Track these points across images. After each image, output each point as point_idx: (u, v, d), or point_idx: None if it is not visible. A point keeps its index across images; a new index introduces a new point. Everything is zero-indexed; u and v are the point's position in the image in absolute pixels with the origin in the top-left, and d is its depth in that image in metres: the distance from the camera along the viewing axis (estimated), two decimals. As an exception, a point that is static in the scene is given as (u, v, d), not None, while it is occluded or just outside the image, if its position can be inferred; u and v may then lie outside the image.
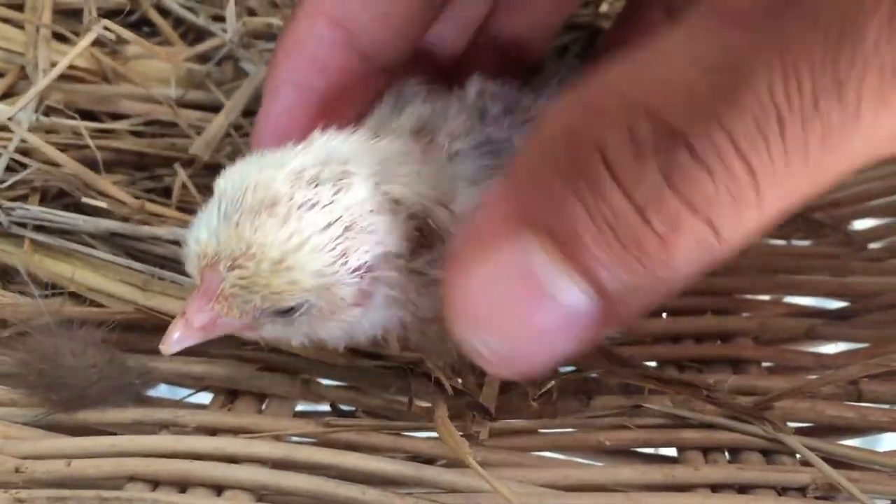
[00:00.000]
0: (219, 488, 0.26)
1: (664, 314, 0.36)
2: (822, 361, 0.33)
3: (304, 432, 0.28)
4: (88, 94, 0.38)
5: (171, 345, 0.24)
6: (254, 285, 0.23)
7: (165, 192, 0.37)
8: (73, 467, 0.26)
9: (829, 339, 0.35)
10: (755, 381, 0.32)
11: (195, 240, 0.24)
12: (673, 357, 0.33)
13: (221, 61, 0.43)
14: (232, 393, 0.30)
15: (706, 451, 0.29)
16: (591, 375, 0.31)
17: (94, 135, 0.36)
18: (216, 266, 0.24)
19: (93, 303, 0.31)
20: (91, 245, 0.33)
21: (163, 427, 0.28)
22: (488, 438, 0.29)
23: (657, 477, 0.28)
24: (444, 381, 0.29)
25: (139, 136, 0.38)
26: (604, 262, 0.20)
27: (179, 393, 0.31)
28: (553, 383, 0.30)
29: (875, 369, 0.30)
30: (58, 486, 0.26)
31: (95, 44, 0.38)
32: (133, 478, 0.26)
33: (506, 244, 0.20)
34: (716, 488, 0.28)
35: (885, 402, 0.31)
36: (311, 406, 0.31)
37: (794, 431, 0.29)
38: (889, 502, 0.28)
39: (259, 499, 0.26)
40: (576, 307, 0.20)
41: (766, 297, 0.37)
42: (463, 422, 0.29)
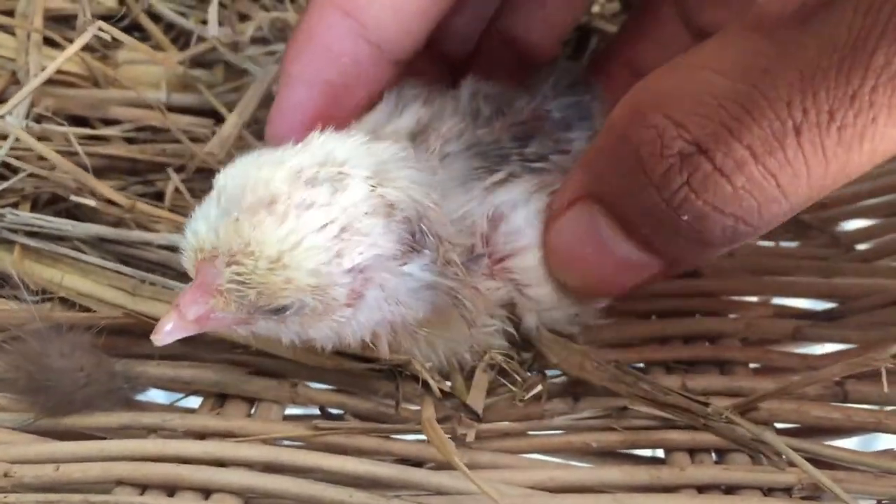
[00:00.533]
0: (207, 492, 0.26)
1: (652, 316, 0.36)
2: (809, 363, 0.33)
3: (292, 436, 0.29)
4: (79, 99, 0.38)
5: (163, 335, 0.24)
6: (250, 282, 0.24)
7: (157, 196, 0.37)
8: (61, 472, 0.26)
9: (816, 340, 0.35)
10: (741, 383, 0.32)
11: (193, 233, 0.24)
12: (660, 359, 0.33)
13: (212, 65, 0.43)
14: (221, 397, 0.30)
15: (693, 451, 0.29)
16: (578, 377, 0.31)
17: (85, 141, 0.36)
18: (213, 260, 0.24)
19: (82, 307, 0.31)
20: (81, 250, 0.33)
21: (151, 431, 0.28)
22: (476, 440, 0.29)
23: (644, 478, 0.28)
24: (431, 383, 0.29)
25: (131, 141, 0.38)
26: (649, 234, 0.25)
27: (168, 397, 0.31)
28: (541, 387, 0.30)
29: (859, 369, 0.30)
30: (46, 490, 0.26)
31: (86, 49, 0.38)
32: (121, 482, 0.26)
33: (580, 209, 0.27)
34: (702, 489, 0.28)
35: (871, 403, 0.31)
36: (300, 409, 0.31)
37: (780, 432, 0.30)
38: (874, 502, 0.28)
39: (247, 502, 0.26)
40: (629, 259, 0.26)
41: (753, 298, 0.37)
42: (450, 424, 0.29)
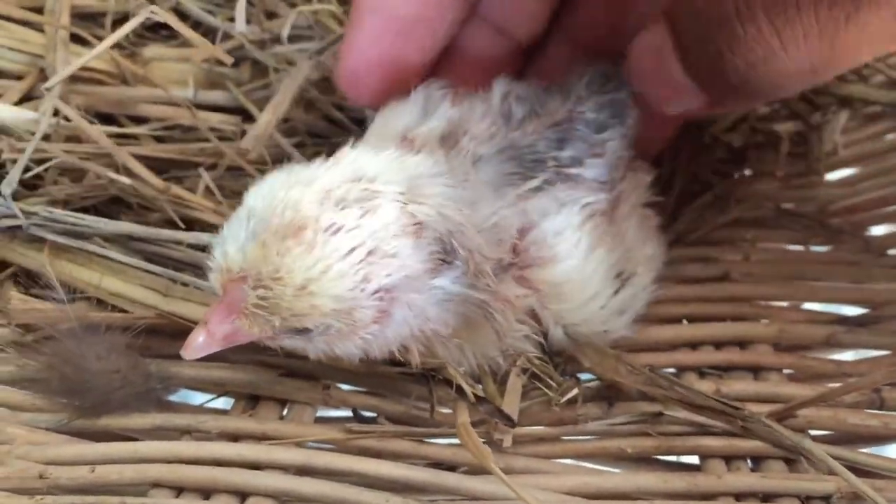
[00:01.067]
0: (242, 495, 0.26)
1: (684, 321, 0.35)
2: (843, 369, 0.33)
3: (325, 438, 0.28)
4: (108, 96, 0.38)
5: (193, 351, 0.25)
6: (276, 307, 0.24)
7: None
8: (96, 473, 0.26)
9: (848, 346, 0.35)
10: (776, 389, 0.32)
11: (222, 253, 0.25)
12: (692, 364, 0.33)
13: (239, 62, 0.43)
14: (253, 398, 0.30)
15: (729, 458, 0.29)
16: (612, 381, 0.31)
17: (114, 139, 0.36)
18: (241, 281, 0.24)
19: (114, 307, 0.31)
20: (111, 250, 0.33)
21: (185, 433, 0.28)
22: (510, 445, 0.29)
23: (681, 485, 0.28)
24: (465, 387, 0.29)
25: (160, 140, 0.38)
26: (698, 58, 0.28)
27: (199, 398, 0.31)
28: (576, 391, 0.30)
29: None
30: (82, 492, 0.26)
31: (114, 46, 0.38)
32: (157, 484, 0.26)
33: (655, 27, 0.29)
34: (739, 497, 0.28)
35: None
36: (332, 412, 0.31)
37: (815, 439, 0.29)
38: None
39: (282, 505, 0.26)
40: (683, 83, 0.29)
41: (784, 303, 0.37)
42: (485, 428, 0.29)
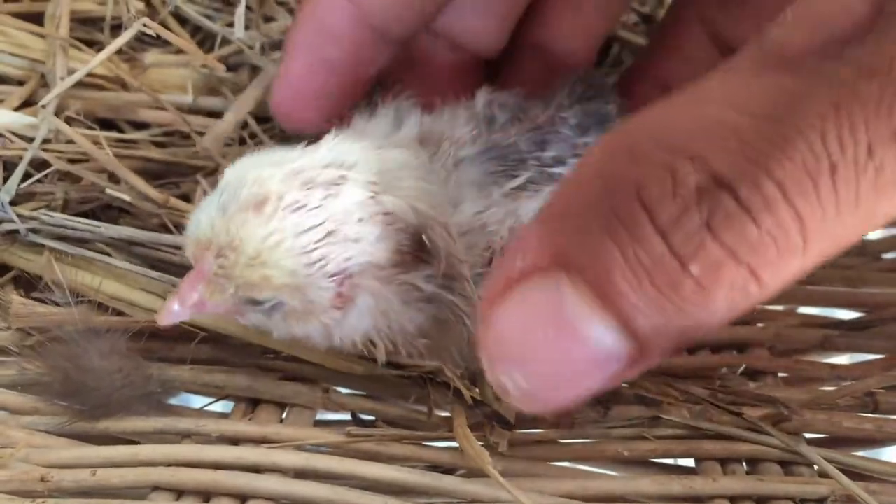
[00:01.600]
0: (242, 498, 0.26)
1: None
2: (838, 372, 0.33)
3: (325, 442, 0.29)
4: (107, 102, 0.38)
5: (166, 317, 0.26)
6: (231, 275, 0.25)
7: (185, 200, 0.37)
8: (98, 476, 0.26)
9: (843, 349, 0.35)
10: (771, 392, 0.32)
11: (194, 224, 0.26)
12: (689, 367, 0.33)
13: (237, 67, 0.43)
14: (253, 402, 0.30)
15: (724, 461, 0.29)
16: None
17: (113, 144, 0.36)
18: (207, 252, 0.25)
19: (115, 311, 0.31)
20: (110, 254, 0.33)
21: (185, 436, 0.28)
22: (507, 448, 0.29)
23: (676, 488, 0.28)
24: (464, 391, 0.29)
25: (158, 145, 0.38)
26: (638, 305, 0.20)
27: (199, 401, 0.31)
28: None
29: (892, 380, 0.30)
30: (83, 495, 0.26)
31: (117, 52, 0.38)
32: (157, 487, 0.26)
33: (538, 283, 0.20)
34: (735, 500, 0.28)
35: (901, 414, 0.31)
36: (332, 415, 0.31)
37: (810, 443, 0.30)
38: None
39: (282, 508, 0.26)
40: (607, 348, 0.20)
41: (780, 307, 0.37)
42: (483, 432, 0.29)
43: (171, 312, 0.25)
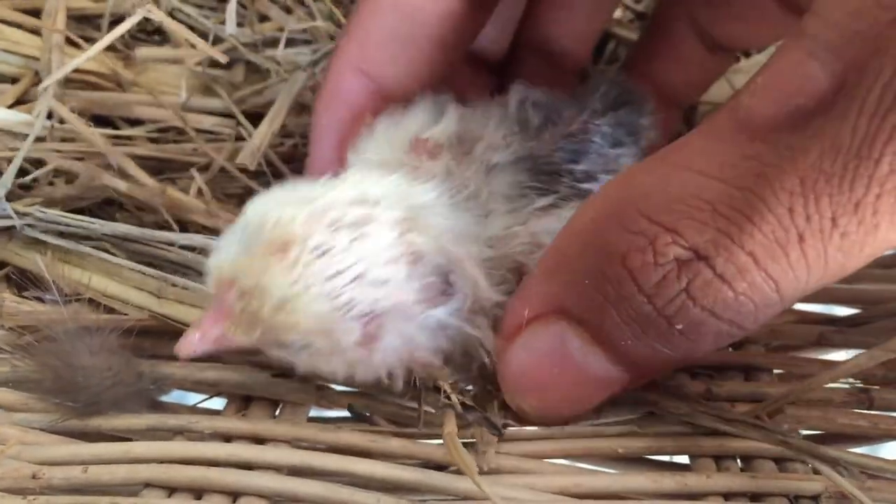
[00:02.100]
0: (234, 495, 0.26)
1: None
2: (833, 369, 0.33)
3: (318, 439, 0.28)
4: (102, 100, 0.38)
5: (186, 350, 0.26)
6: (257, 319, 0.25)
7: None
8: (89, 473, 0.26)
9: (839, 346, 0.35)
10: (766, 389, 0.32)
11: (216, 263, 0.26)
12: (684, 364, 0.33)
13: (231, 65, 0.43)
14: (246, 399, 0.30)
15: (718, 458, 0.29)
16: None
17: (109, 141, 0.36)
18: (230, 289, 0.25)
19: (107, 308, 0.31)
20: (105, 251, 0.33)
21: (177, 433, 0.28)
22: (499, 445, 0.29)
23: (670, 484, 0.28)
24: (453, 398, 0.29)
25: (154, 141, 0.38)
26: (631, 348, 0.24)
27: (191, 398, 0.31)
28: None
29: (876, 361, 0.30)
30: (74, 492, 0.26)
31: (108, 49, 0.38)
32: (149, 484, 0.26)
33: (543, 329, 0.25)
34: (728, 496, 0.28)
35: (896, 411, 0.31)
36: (325, 412, 0.31)
37: (805, 439, 0.30)
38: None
39: (274, 505, 0.26)
40: (606, 377, 0.25)
41: (776, 303, 0.37)
42: (477, 431, 0.29)
43: (191, 344, 0.25)
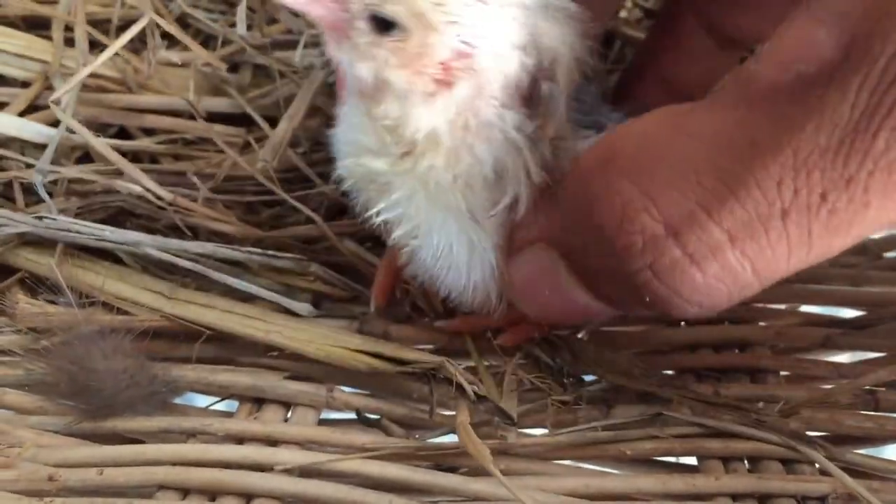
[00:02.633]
0: (248, 496, 0.27)
1: (682, 323, 0.36)
2: (840, 371, 0.33)
3: (329, 441, 0.29)
4: (113, 105, 0.39)
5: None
6: None
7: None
8: (104, 476, 0.26)
9: (846, 348, 0.35)
10: (773, 391, 0.32)
11: None
12: (691, 366, 0.34)
13: (240, 66, 0.43)
14: (258, 401, 0.31)
15: (726, 460, 0.30)
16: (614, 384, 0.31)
17: (121, 148, 0.37)
18: None
19: (120, 311, 0.32)
20: (117, 252, 0.33)
21: (190, 435, 0.29)
22: (510, 445, 0.29)
23: (678, 486, 0.28)
24: (465, 386, 0.30)
25: (165, 144, 0.39)
26: (608, 291, 0.25)
27: (204, 401, 0.31)
28: (577, 393, 0.30)
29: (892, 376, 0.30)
30: (90, 494, 0.26)
31: (118, 54, 0.39)
32: (163, 486, 0.27)
33: (542, 254, 0.27)
34: (736, 497, 0.28)
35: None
36: (336, 414, 0.31)
37: (812, 441, 0.30)
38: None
39: (287, 506, 0.27)
40: (589, 305, 0.26)
41: (782, 306, 0.37)
42: (487, 428, 0.29)
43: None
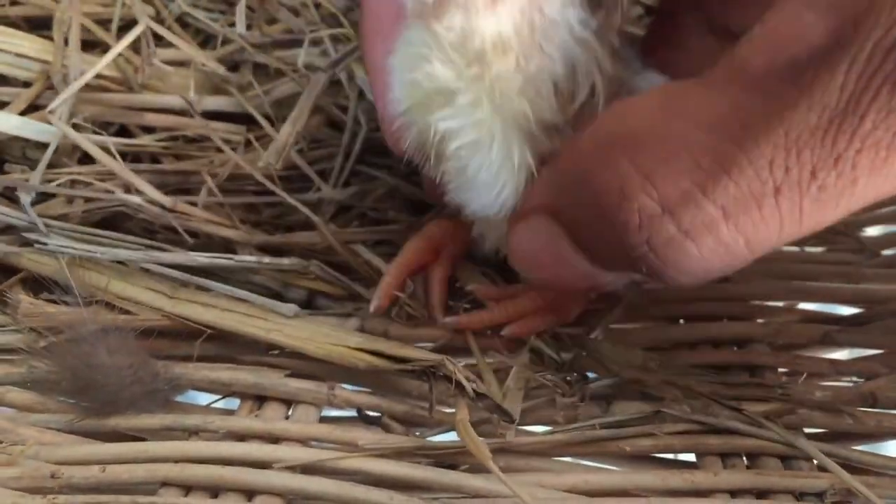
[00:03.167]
0: (250, 493, 0.27)
1: (681, 320, 0.36)
2: (838, 368, 0.34)
3: (331, 438, 0.29)
4: (114, 104, 0.39)
5: None
6: None
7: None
8: (107, 473, 0.26)
9: (843, 345, 0.36)
10: (772, 388, 0.32)
11: None
12: (690, 363, 0.34)
13: (239, 65, 0.43)
14: (259, 399, 0.31)
15: (725, 456, 0.30)
16: (613, 380, 0.31)
17: (122, 147, 0.37)
18: None
19: (122, 310, 0.32)
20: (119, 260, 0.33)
21: (192, 433, 0.29)
22: (510, 443, 0.29)
23: (677, 482, 0.28)
24: (465, 384, 0.30)
25: (166, 148, 0.39)
26: (609, 262, 0.26)
27: (205, 398, 0.32)
28: (577, 391, 0.31)
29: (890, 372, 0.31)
30: (93, 491, 0.26)
31: (119, 54, 0.39)
32: (166, 483, 0.27)
33: (545, 222, 0.27)
34: (735, 494, 0.28)
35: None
36: (337, 412, 0.31)
37: (810, 437, 0.30)
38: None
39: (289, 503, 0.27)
40: (591, 272, 0.27)
41: (780, 303, 0.38)
42: (486, 427, 0.29)
43: None
